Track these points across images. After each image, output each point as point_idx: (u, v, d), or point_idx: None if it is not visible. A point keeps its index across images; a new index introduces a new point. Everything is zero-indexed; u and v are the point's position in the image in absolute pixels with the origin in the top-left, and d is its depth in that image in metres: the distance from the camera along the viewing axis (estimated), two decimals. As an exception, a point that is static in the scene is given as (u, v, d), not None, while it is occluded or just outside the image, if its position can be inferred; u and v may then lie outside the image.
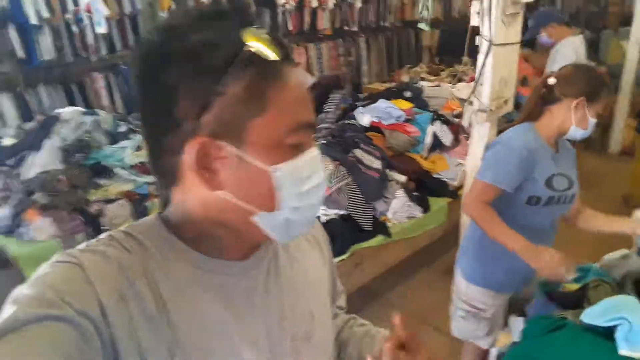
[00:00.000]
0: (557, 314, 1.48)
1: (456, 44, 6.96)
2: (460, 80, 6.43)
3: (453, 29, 7.26)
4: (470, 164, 2.73)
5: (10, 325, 0.46)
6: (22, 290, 0.51)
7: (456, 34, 7.22)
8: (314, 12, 7.14)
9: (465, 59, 6.96)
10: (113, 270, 0.55)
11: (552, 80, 1.64)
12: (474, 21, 2.47)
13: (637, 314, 1.29)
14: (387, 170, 2.84)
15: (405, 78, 6.79)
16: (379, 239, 2.66)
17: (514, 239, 1.54)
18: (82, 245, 0.58)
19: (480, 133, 2.62)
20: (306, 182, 0.58)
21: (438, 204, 2.95)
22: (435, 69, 6.34)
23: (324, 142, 2.92)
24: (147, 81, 0.55)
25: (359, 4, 7.58)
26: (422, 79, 5.18)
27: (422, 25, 5.45)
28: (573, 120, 1.60)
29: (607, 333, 1.32)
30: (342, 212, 2.55)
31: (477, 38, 2.50)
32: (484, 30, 2.42)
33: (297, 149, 0.57)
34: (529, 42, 3.68)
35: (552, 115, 1.64)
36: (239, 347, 0.61)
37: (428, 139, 3.21)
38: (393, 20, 8.26)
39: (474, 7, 2.42)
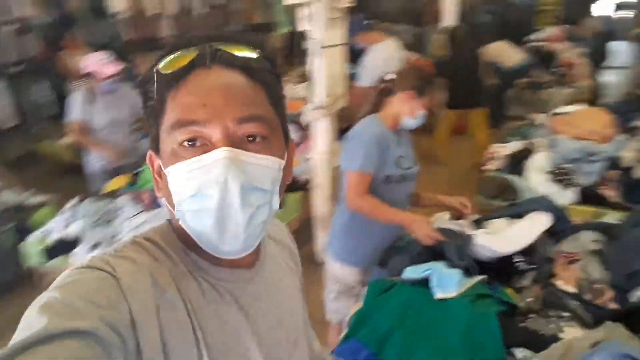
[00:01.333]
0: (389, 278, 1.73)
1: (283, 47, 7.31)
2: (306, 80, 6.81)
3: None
4: (318, 157, 2.97)
5: (39, 338, 0.46)
6: (54, 295, 0.51)
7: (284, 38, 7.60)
8: (153, 21, 6.90)
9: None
10: (146, 281, 0.57)
11: (390, 76, 1.91)
12: (304, 26, 2.68)
13: (439, 265, 1.60)
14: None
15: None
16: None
17: (398, 214, 1.82)
18: (111, 250, 0.60)
19: (321, 127, 2.86)
20: (195, 184, 0.56)
21: (291, 197, 3.14)
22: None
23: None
24: None
25: (200, 10, 7.52)
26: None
27: (281, 29, 5.65)
28: (406, 110, 1.88)
29: (425, 284, 1.61)
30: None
31: (306, 41, 2.73)
32: (313, 34, 2.65)
33: (195, 149, 0.57)
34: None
35: (390, 106, 1.89)
36: (249, 347, 0.66)
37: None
38: (239, 25, 8.34)
39: (300, 13, 2.63)
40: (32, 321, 0.48)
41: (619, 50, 6.34)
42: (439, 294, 1.55)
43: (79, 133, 2.97)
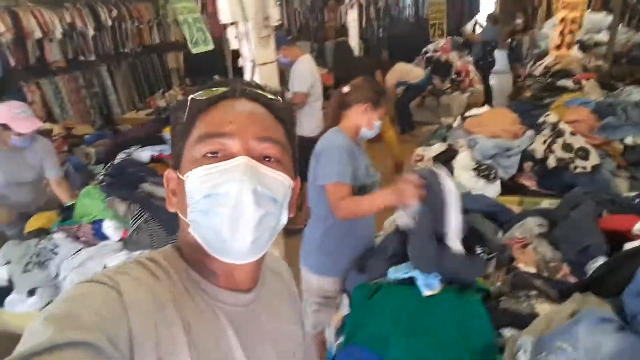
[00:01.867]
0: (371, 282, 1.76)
1: (203, 65, 7.20)
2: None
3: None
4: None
5: (43, 347, 0.47)
6: (60, 307, 0.53)
7: (200, 55, 7.47)
8: (39, 44, 6.31)
9: (216, 78, 7.27)
10: (147, 298, 0.59)
11: (346, 89, 1.94)
12: (234, 45, 2.65)
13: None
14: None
15: (161, 102, 6.66)
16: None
17: (377, 198, 1.76)
18: (115, 268, 0.62)
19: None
20: (208, 185, 0.61)
21: None
22: (190, 91, 6.43)
23: (103, 183, 2.67)
24: None
25: (91, 32, 7.03)
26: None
27: (199, 48, 5.43)
28: (364, 121, 1.92)
29: (411, 284, 1.67)
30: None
31: (240, 59, 2.69)
32: (245, 52, 2.63)
33: (216, 158, 0.63)
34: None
35: (348, 118, 1.94)
36: None
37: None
38: (132, 46, 7.95)
39: (231, 32, 2.60)
40: (36, 332, 0.49)
41: (500, 57, 7.13)
42: (426, 292, 1.61)
43: None
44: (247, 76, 2.69)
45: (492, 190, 3.15)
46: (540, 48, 6.82)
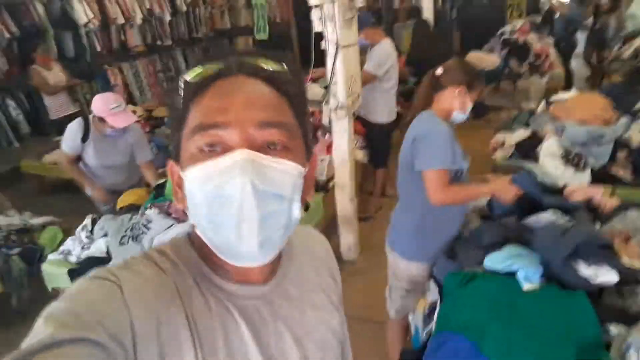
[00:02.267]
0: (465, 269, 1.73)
1: (280, 47, 7.30)
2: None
3: (276, 34, 7.56)
4: (338, 156, 2.94)
5: (47, 343, 0.46)
6: (60, 305, 0.51)
7: (280, 38, 7.59)
8: (122, 30, 6.66)
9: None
10: (149, 293, 0.56)
11: (439, 71, 1.88)
12: (317, 27, 2.65)
13: (525, 260, 1.61)
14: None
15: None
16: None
17: (483, 188, 1.88)
18: (120, 263, 0.60)
19: (342, 127, 2.84)
20: (212, 187, 0.55)
21: (314, 200, 3.10)
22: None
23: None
24: None
25: (168, 17, 7.32)
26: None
27: (260, 35, 5.56)
28: (457, 105, 1.88)
29: (508, 275, 1.62)
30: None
31: (323, 42, 2.69)
32: (329, 35, 2.62)
33: (214, 152, 0.56)
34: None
35: (440, 101, 1.88)
36: None
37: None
38: (205, 31, 8.19)
39: (315, 15, 2.60)
40: (37, 331, 0.48)
41: (583, 39, 6.67)
42: (526, 286, 1.56)
43: (67, 164, 2.79)
44: (330, 60, 2.69)
45: (581, 179, 2.98)
46: (628, 29, 6.29)
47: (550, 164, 3.05)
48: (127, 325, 0.52)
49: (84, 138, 2.71)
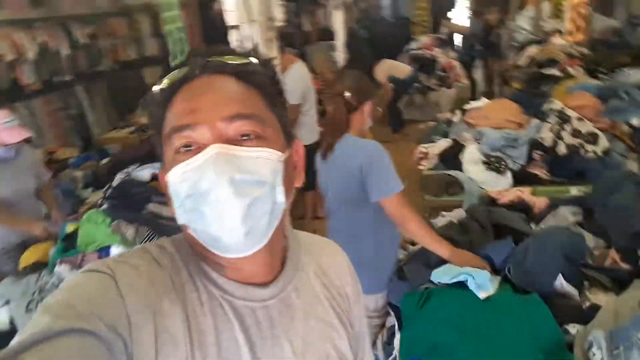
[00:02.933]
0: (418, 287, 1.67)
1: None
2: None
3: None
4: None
5: (44, 335, 0.46)
6: (56, 298, 0.52)
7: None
8: (11, 66, 6.05)
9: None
10: (144, 285, 0.56)
11: (347, 94, 1.81)
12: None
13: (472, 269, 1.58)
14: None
15: (144, 119, 6.45)
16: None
17: (443, 246, 1.68)
18: (116, 256, 0.60)
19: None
20: (190, 185, 0.56)
21: None
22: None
23: (107, 206, 2.51)
24: None
25: (65, 51, 6.79)
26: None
27: (175, 62, 5.27)
28: (368, 119, 1.84)
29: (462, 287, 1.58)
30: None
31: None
32: (248, 57, 2.51)
33: (189, 153, 0.57)
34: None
35: (355, 121, 1.84)
36: None
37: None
38: (110, 64, 7.73)
39: (233, 36, 2.48)
40: (34, 323, 0.49)
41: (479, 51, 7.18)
42: (482, 294, 1.52)
43: None
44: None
45: (504, 182, 3.10)
46: (519, 40, 6.88)
47: (473, 170, 3.14)
48: (123, 316, 0.52)
49: None
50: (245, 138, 0.58)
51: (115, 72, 7.81)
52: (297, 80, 3.44)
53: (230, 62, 0.60)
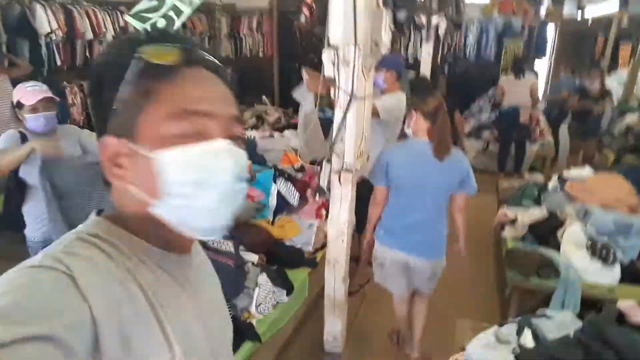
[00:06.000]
0: None
1: (253, 83, 6.84)
2: (261, 121, 6.27)
3: (246, 68, 7.10)
4: (334, 227, 2.41)
5: None
6: (6, 300, 0.47)
7: (250, 73, 7.14)
8: (89, 45, 6.04)
9: (264, 98, 6.88)
10: (103, 278, 0.55)
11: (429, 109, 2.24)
12: (328, 71, 2.18)
13: None
14: (240, 251, 2.28)
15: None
16: (247, 348, 2.03)
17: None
18: (61, 247, 0.56)
19: (344, 194, 2.34)
20: (196, 171, 0.58)
21: (298, 278, 2.51)
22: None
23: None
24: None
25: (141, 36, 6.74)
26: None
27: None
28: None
29: None
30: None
31: (335, 90, 2.23)
32: (342, 82, 2.16)
33: (194, 138, 0.58)
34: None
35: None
36: (199, 329, 0.65)
37: (273, 201, 2.78)
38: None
39: (328, 57, 2.14)
40: None
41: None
42: None
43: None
44: (339, 112, 2.22)
45: (609, 276, 2.60)
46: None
47: (575, 254, 2.64)
48: (87, 315, 0.50)
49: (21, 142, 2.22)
50: (235, 137, 0.62)
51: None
52: (395, 104, 3.06)
53: (218, 63, 0.64)
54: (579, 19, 7.59)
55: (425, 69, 5.03)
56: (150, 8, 2.07)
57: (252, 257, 2.36)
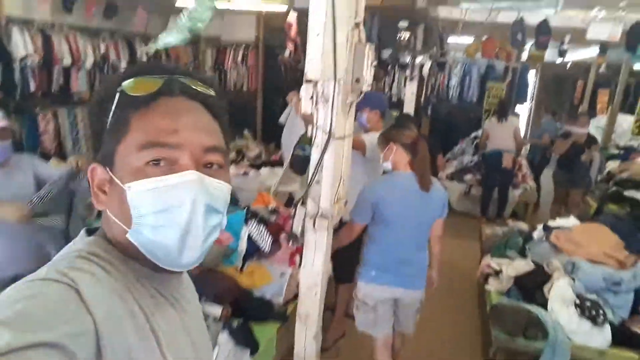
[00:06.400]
0: None
1: (236, 117, 6.71)
2: (242, 155, 6.10)
3: (230, 101, 6.98)
4: (307, 278, 2.21)
5: (2, 352, 0.45)
6: (13, 309, 0.49)
7: (233, 106, 7.03)
8: (66, 72, 5.87)
9: (246, 132, 6.74)
10: (105, 291, 0.57)
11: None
12: (306, 107, 2.04)
13: None
14: (203, 302, 2.05)
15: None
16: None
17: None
18: (65, 263, 0.58)
19: (319, 241, 2.15)
20: (158, 203, 0.59)
21: (266, 335, 2.24)
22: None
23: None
24: None
25: (123, 65, 6.62)
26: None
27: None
28: None
29: None
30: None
31: (309, 128, 2.08)
32: (320, 120, 2.01)
33: (163, 170, 0.59)
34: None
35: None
36: (188, 347, 0.68)
37: (243, 245, 2.56)
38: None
39: (307, 92, 2.00)
40: None
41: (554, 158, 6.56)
42: None
43: None
44: (314, 152, 2.06)
45: (599, 337, 2.43)
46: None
47: (563, 313, 2.48)
48: (91, 326, 0.52)
49: None
50: (209, 166, 0.63)
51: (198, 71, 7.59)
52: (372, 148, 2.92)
53: (200, 89, 0.65)
54: (558, 62, 7.70)
55: (409, 109, 4.97)
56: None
57: (216, 311, 2.13)
